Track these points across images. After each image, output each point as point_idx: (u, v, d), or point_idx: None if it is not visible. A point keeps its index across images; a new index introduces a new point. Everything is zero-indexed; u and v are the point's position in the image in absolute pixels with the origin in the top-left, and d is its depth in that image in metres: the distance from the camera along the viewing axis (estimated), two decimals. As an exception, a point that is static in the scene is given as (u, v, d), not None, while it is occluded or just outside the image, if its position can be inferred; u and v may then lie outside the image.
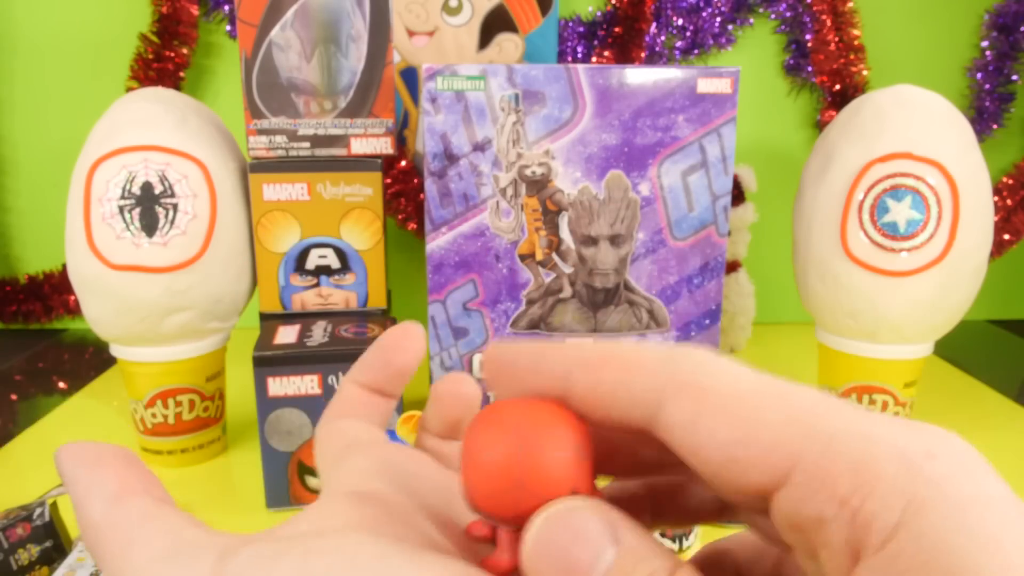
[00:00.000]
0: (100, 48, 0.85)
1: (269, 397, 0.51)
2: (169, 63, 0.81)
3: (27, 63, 0.86)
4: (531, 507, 0.15)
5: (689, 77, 0.53)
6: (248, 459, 0.62)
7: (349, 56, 0.56)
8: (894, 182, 0.55)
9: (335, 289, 0.59)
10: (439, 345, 0.57)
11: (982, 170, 0.57)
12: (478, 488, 0.16)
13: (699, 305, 0.57)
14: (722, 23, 0.86)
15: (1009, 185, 0.89)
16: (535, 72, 0.53)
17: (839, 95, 0.85)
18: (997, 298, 0.97)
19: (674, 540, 0.47)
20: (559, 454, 0.16)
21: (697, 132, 0.54)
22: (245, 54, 0.56)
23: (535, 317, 0.57)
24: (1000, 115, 0.89)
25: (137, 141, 0.54)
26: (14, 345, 0.88)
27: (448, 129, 0.53)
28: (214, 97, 0.86)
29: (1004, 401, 0.74)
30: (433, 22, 0.79)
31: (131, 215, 0.54)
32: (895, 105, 0.57)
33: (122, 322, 0.55)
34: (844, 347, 0.60)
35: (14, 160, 0.89)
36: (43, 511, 0.44)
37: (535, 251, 0.56)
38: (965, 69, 0.90)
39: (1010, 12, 0.86)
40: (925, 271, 0.55)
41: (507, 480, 0.15)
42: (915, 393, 0.61)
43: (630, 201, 0.55)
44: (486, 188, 0.54)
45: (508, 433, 0.16)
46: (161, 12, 0.80)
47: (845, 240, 0.56)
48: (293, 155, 0.57)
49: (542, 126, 0.53)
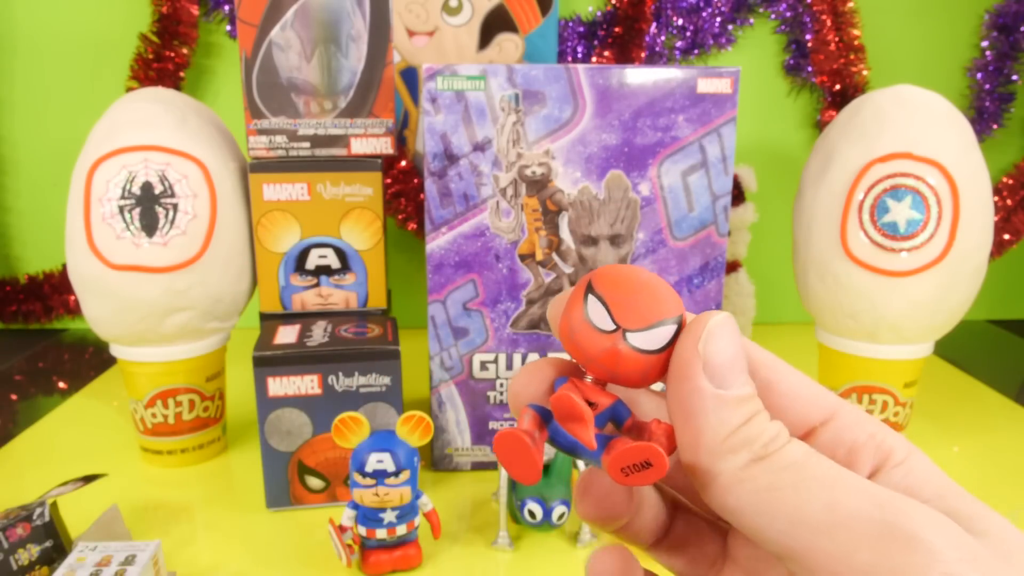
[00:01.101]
0: (100, 48, 0.85)
1: (269, 397, 0.51)
2: (169, 63, 0.81)
3: (27, 63, 0.86)
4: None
5: (689, 77, 0.53)
6: (248, 459, 0.62)
7: (349, 56, 0.56)
8: (894, 182, 0.55)
9: (335, 289, 0.59)
10: (439, 345, 0.57)
11: (982, 170, 0.57)
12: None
13: (699, 305, 0.57)
14: (722, 23, 0.86)
15: (1009, 185, 0.89)
16: (535, 72, 0.53)
17: (839, 95, 0.85)
18: (997, 298, 0.97)
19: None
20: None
21: (697, 132, 0.54)
22: (245, 54, 0.56)
23: (535, 317, 0.57)
24: (1000, 115, 0.89)
25: (137, 141, 0.54)
26: (14, 345, 0.88)
27: (448, 129, 0.53)
28: (214, 97, 0.86)
29: (1004, 401, 0.74)
30: (433, 22, 0.79)
31: (131, 215, 0.54)
32: (895, 105, 0.57)
33: (122, 322, 0.55)
34: (844, 347, 0.60)
35: (14, 160, 0.89)
36: (43, 511, 0.44)
37: (535, 251, 0.56)
38: (965, 69, 0.90)
39: (1010, 12, 0.86)
40: (925, 271, 0.55)
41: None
42: (915, 393, 0.61)
43: (630, 201, 0.55)
44: (486, 188, 0.54)
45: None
46: (161, 12, 0.80)
47: (845, 240, 0.56)
48: (293, 155, 0.57)
49: (542, 126, 0.53)
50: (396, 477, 0.45)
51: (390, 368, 0.51)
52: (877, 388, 0.59)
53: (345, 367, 0.51)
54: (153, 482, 0.58)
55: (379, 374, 0.51)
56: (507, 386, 0.49)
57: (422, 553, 0.48)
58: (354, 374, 0.51)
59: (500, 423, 0.59)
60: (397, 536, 0.47)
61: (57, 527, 0.45)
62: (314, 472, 0.53)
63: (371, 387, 0.52)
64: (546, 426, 0.19)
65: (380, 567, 0.47)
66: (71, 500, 0.49)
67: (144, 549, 0.42)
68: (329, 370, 0.51)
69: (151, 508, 0.55)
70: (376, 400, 0.52)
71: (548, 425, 0.19)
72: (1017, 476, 0.60)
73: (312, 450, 0.53)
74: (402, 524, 0.47)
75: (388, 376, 0.52)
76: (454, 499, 0.56)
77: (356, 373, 0.51)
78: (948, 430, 0.67)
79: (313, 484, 0.54)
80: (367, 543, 0.47)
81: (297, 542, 0.51)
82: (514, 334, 0.57)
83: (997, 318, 0.98)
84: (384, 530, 0.46)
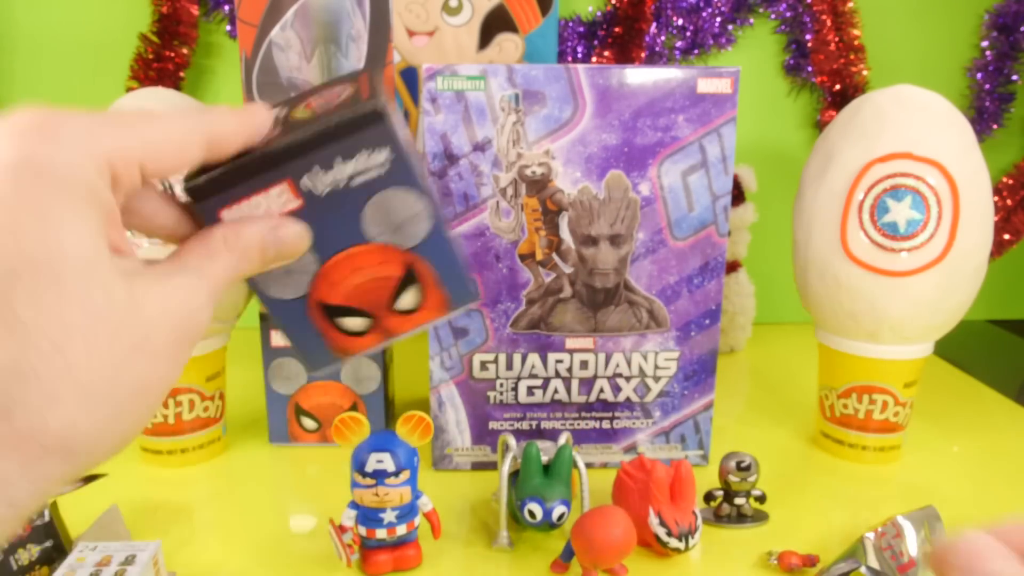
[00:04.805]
0: (100, 48, 0.85)
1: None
2: (169, 63, 0.81)
3: (27, 63, 0.86)
4: None
5: (689, 77, 0.53)
6: (248, 459, 0.62)
7: (349, 56, 0.56)
8: (894, 182, 0.55)
9: (335, 289, 0.59)
10: (439, 345, 0.57)
11: (982, 170, 0.57)
12: None
13: (699, 305, 0.57)
14: (722, 23, 0.86)
15: (1009, 185, 0.89)
16: (535, 72, 0.53)
17: (839, 95, 0.85)
18: (997, 298, 0.97)
19: (680, 539, 0.47)
20: None
21: (697, 132, 0.54)
22: (245, 54, 0.56)
23: (535, 317, 0.57)
24: (1000, 115, 0.89)
25: (137, 141, 0.54)
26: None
27: (448, 129, 0.53)
28: (214, 97, 0.86)
29: (1004, 401, 0.74)
30: (433, 22, 0.79)
31: (131, 215, 0.54)
32: (895, 105, 0.57)
33: (122, 322, 0.55)
34: (844, 347, 0.60)
35: (14, 160, 0.89)
36: (43, 511, 0.44)
37: (535, 251, 0.56)
38: (965, 69, 0.90)
39: (1010, 12, 0.86)
40: (925, 271, 0.55)
41: None
42: (915, 393, 0.61)
43: (630, 201, 0.55)
44: (486, 188, 0.54)
45: None
46: (161, 12, 0.80)
47: (845, 240, 0.56)
48: (293, 155, 0.57)
49: (542, 126, 0.53)
50: (396, 477, 0.45)
51: (381, 136, 0.29)
52: (877, 388, 0.59)
53: (318, 156, 0.30)
54: (153, 482, 0.58)
55: (370, 149, 0.30)
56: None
57: (422, 553, 0.48)
58: (333, 162, 0.30)
59: (500, 423, 0.59)
60: (397, 536, 0.47)
61: (57, 527, 0.45)
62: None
63: (367, 172, 0.31)
64: None
65: (380, 567, 0.47)
66: (71, 500, 0.49)
67: (144, 549, 0.42)
68: (297, 169, 0.30)
69: (151, 508, 0.55)
70: (381, 188, 0.31)
71: None
72: (1017, 476, 0.60)
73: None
74: (402, 524, 0.46)
75: (384, 147, 0.30)
76: (454, 499, 0.56)
77: (338, 159, 0.30)
78: (948, 430, 0.67)
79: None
80: (367, 543, 0.47)
81: (298, 543, 0.51)
82: (514, 334, 0.57)
83: (997, 318, 0.98)
84: (384, 530, 0.46)
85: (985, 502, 0.56)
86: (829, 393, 0.62)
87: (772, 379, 0.78)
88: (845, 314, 0.58)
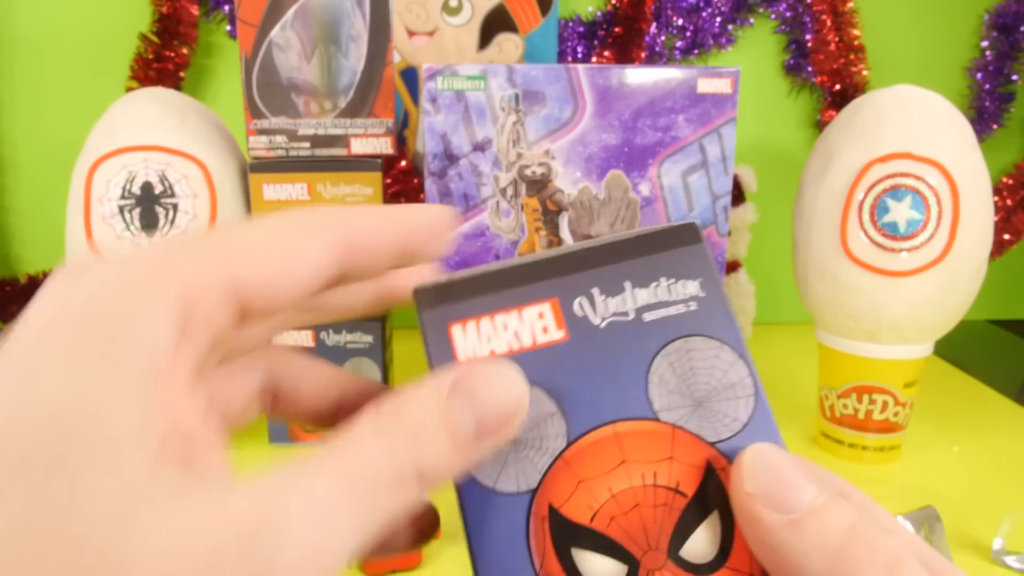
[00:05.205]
0: (100, 48, 0.85)
1: None
2: (169, 63, 0.81)
3: (27, 63, 0.86)
4: None
5: (689, 77, 0.53)
6: (248, 459, 0.62)
7: (349, 56, 0.56)
8: (894, 182, 0.55)
9: (335, 289, 0.60)
10: (439, 345, 0.57)
11: (982, 170, 0.57)
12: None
13: (699, 305, 0.57)
14: (722, 23, 0.86)
15: (1009, 185, 0.89)
16: (535, 72, 0.53)
17: (839, 95, 0.85)
18: (997, 298, 0.97)
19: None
20: None
21: (697, 132, 0.54)
22: (245, 54, 0.56)
23: (535, 317, 0.57)
24: (1000, 115, 0.89)
25: (137, 141, 0.54)
26: (14, 345, 0.87)
27: (448, 129, 0.53)
28: (214, 97, 0.86)
29: (1004, 401, 0.74)
30: (433, 22, 0.79)
31: (131, 215, 0.54)
32: (895, 105, 0.57)
33: (122, 322, 0.55)
34: (844, 347, 0.60)
35: (14, 160, 0.89)
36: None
37: (535, 251, 0.56)
38: (965, 69, 0.90)
39: (1010, 12, 0.86)
40: (925, 271, 0.55)
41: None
42: (915, 393, 0.61)
43: (630, 201, 0.55)
44: (486, 188, 0.54)
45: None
46: (161, 12, 0.80)
47: (845, 240, 0.56)
48: (293, 155, 0.57)
49: (542, 126, 0.53)
50: (396, 477, 0.45)
51: (694, 259, 0.24)
52: (877, 388, 0.59)
53: (604, 274, 0.20)
54: (153, 482, 0.58)
55: (674, 277, 0.25)
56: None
57: (422, 553, 0.48)
58: (623, 284, 0.25)
59: (500, 423, 0.59)
60: (397, 536, 0.47)
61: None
62: None
63: (665, 307, 0.27)
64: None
65: (380, 567, 0.47)
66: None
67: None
68: (571, 287, 0.23)
69: (151, 508, 0.55)
70: (681, 334, 0.25)
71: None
72: (1017, 476, 0.60)
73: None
74: (402, 524, 0.46)
75: (695, 277, 0.24)
76: (454, 499, 0.56)
77: (628, 282, 0.24)
78: (948, 430, 0.67)
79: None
80: (367, 543, 0.47)
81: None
82: (514, 334, 0.57)
83: (997, 318, 0.98)
84: (384, 530, 0.46)
85: (985, 502, 0.56)
86: (829, 393, 0.62)
87: (772, 379, 0.78)
88: (845, 314, 0.58)
